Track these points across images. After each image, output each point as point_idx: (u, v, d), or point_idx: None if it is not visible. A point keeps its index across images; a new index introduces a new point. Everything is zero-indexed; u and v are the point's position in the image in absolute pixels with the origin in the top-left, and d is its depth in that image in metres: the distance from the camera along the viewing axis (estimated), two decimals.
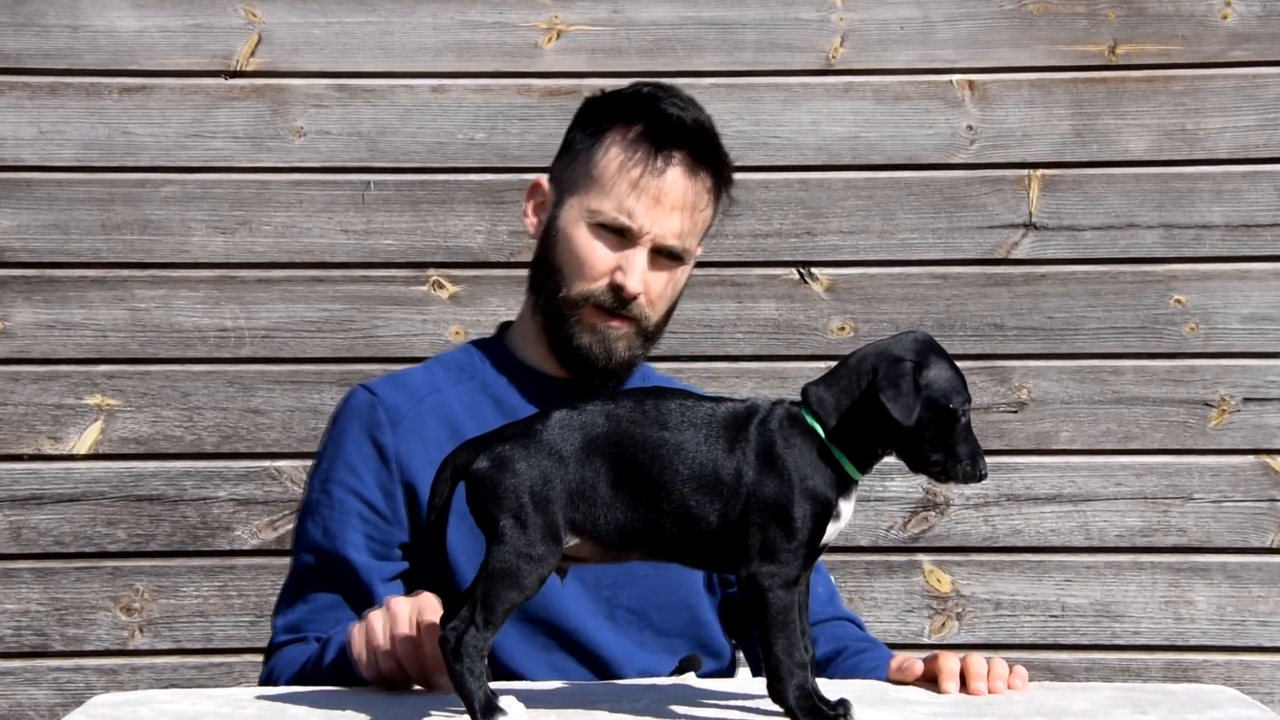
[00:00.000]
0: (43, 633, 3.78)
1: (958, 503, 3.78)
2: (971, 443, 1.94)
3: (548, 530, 1.87)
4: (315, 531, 2.51)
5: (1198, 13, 3.80)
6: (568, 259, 2.54)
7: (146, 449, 3.78)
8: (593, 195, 2.53)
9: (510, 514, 1.87)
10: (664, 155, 2.52)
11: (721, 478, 1.89)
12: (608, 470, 1.89)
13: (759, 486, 1.89)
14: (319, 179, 3.79)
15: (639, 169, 2.52)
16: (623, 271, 2.51)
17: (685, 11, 3.80)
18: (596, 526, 1.89)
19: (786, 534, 1.88)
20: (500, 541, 1.86)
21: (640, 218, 2.51)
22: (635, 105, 2.57)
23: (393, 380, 2.63)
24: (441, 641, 1.87)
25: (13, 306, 3.77)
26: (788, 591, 1.89)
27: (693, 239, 2.57)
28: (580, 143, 2.59)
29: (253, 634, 3.79)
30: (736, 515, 1.89)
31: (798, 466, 1.90)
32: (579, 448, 1.89)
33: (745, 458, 1.90)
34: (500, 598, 1.86)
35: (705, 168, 2.57)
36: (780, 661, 1.89)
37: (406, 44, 3.80)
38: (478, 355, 2.65)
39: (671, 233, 2.52)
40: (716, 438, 1.91)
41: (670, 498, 1.89)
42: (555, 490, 1.88)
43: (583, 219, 2.54)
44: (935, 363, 1.93)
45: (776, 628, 1.89)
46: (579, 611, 2.50)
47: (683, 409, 1.92)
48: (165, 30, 3.79)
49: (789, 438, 1.91)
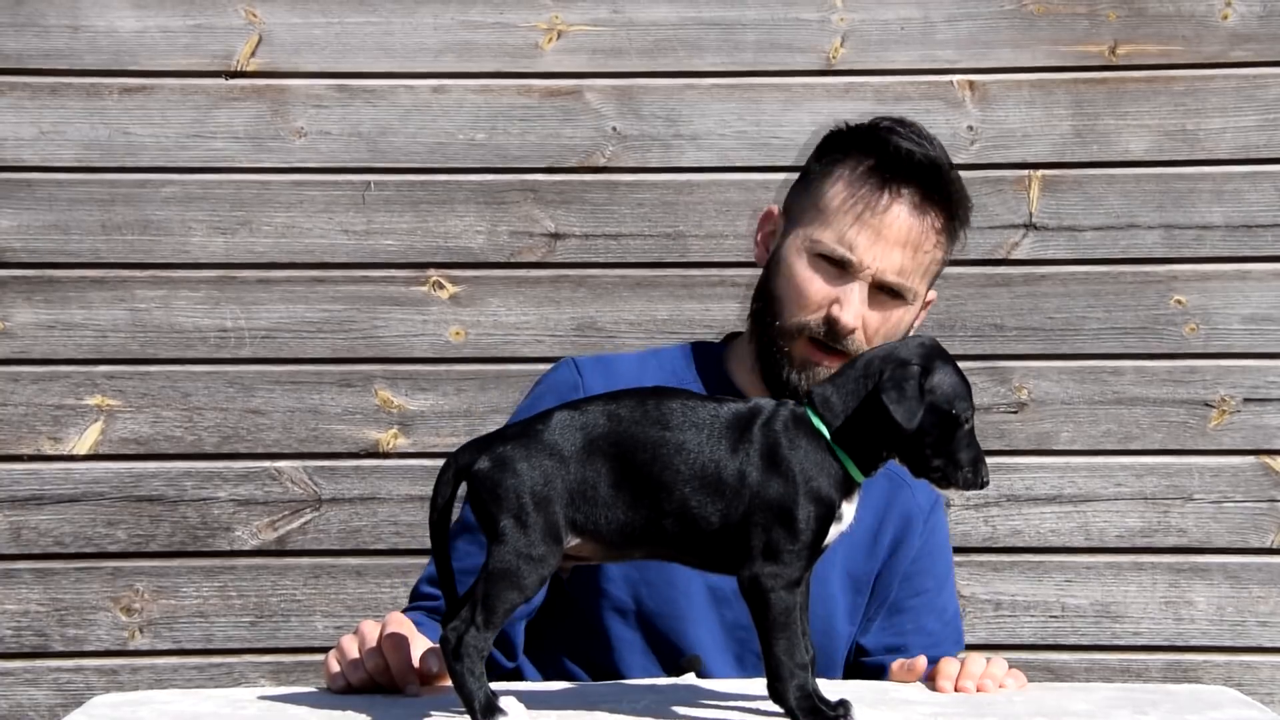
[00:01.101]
0: (43, 633, 3.78)
1: (958, 503, 3.78)
2: (974, 450, 1.94)
3: (548, 531, 1.87)
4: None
5: (1198, 13, 3.80)
6: (786, 288, 2.51)
7: (146, 449, 3.78)
8: (816, 226, 2.50)
9: (511, 514, 1.87)
10: (891, 190, 2.48)
11: (724, 478, 1.89)
12: (609, 470, 1.89)
13: (763, 487, 1.89)
14: (319, 179, 3.79)
15: (863, 203, 2.48)
16: (839, 305, 2.46)
17: (685, 11, 3.80)
18: (598, 526, 1.90)
19: (790, 535, 1.88)
20: (501, 542, 1.87)
21: (861, 251, 2.46)
22: (869, 138, 2.53)
23: (602, 363, 2.60)
24: (442, 642, 1.88)
25: (13, 306, 3.77)
26: (790, 592, 1.89)
27: (917, 278, 2.51)
28: (813, 173, 2.56)
29: (253, 634, 3.79)
30: (739, 516, 1.89)
31: (803, 468, 1.90)
32: (580, 447, 1.90)
33: (749, 458, 1.90)
34: (500, 598, 1.86)
35: (935, 206, 2.51)
36: (781, 662, 1.89)
37: (407, 44, 3.80)
38: (693, 362, 2.63)
39: (892, 269, 2.47)
40: (720, 438, 1.91)
41: (672, 497, 1.89)
42: (556, 490, 1.88)
43: (804, 249, 2.50)
44: (941, 368, 1.93)
45: (778, 628, 1.89)
46: (710, 649, 2.50)
47: (685, 409, 1.92)
48: (165, 30, 3.79)
49: (794, 439, 1.91)
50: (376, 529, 3.79)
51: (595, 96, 3.79)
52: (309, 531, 3.79)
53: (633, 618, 2.50)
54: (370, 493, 3.79)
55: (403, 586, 3.78)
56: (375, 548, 3.80)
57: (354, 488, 3.79)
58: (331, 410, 3.78)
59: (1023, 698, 2.12)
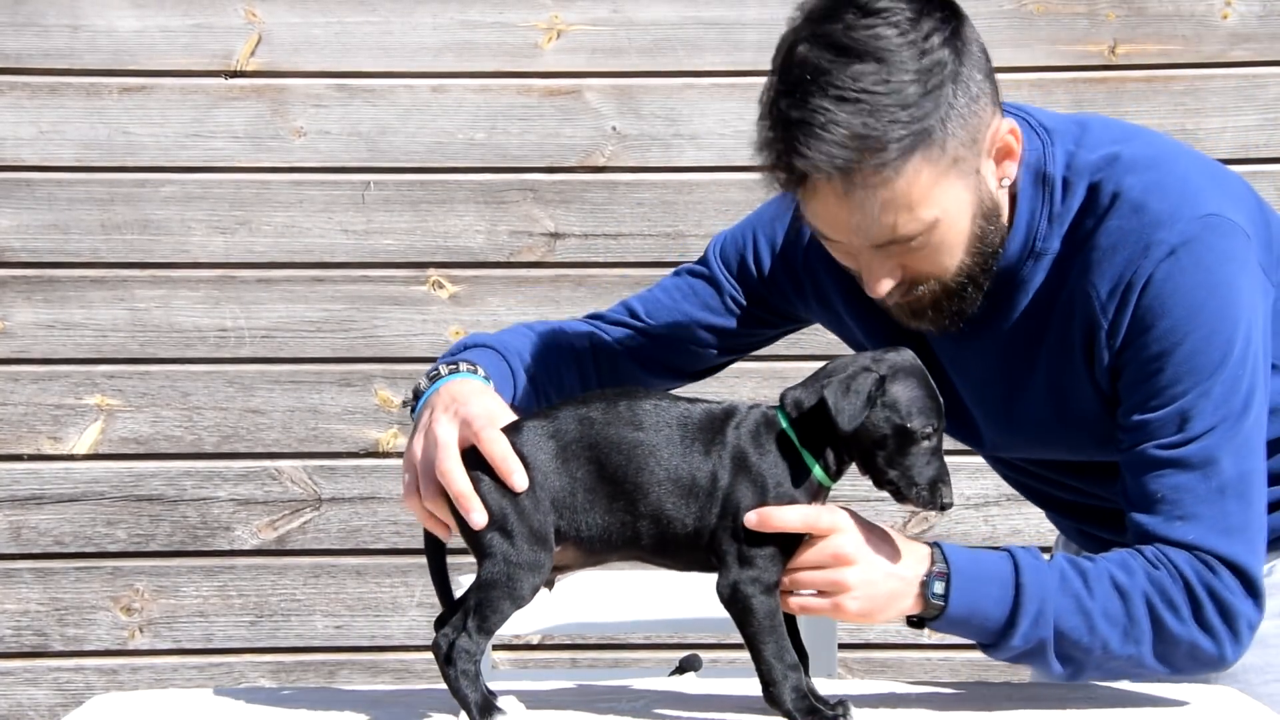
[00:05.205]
0: (43, 633, 3.78)
1: (958, 503, 3.78)
2: (934, 469, 1.91)
3: (536, 537, 1.87)
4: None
5: (1198, 13, 3.80)
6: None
7: (146, 449, 3.78)
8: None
9: (496, 527, 1.87)
10: (789, 181, 2.02)
11: (698, 480, 1.89)
12: (585, 474, 1.89)
13: (732, 490, 1.89)
14: (319, 179, 3.79)
15: (782, 204, 2.15)
16: (863, 281, 2.09)
17: (685, 11, 3.80)
18: (579, 532, 1.90)
19: (760, 540, 1.88)
20: (490, 555, 1.87)
21: (829, 241, 2.10)
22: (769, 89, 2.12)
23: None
24: (434, 648, 1.88)
25: (13, 306, 3.77)
26: (770, 595, 1.88)
27: (905, 213, 2.00)
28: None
29: (253, 634, 3.79)
30: (714, 518, 1.89)
31: (771, 472, 1.89)
32: (553, 455, 1.89)
33: (721, 461, 1.89)
34: (494, 606, 1.86)
35: (848, 159, 1.97)
36: (772, 665, 1.88)
37: (406, 44, 3.80)
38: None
39: (865, 240, 2.03)
40: (692, 439, 1.90)
41: (648, 499, 1.89)
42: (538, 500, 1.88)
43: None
44: (904, 381, 1.90)
45: (765, 632, 1.88)
46: None
47: (657, 409, 1.91)
48: (165, 30, 3.79)
49: (763, 442, 1.90)
50: (376, 529, 3.79)
51: (595, 96, 3.79)
52: (309, 531, 3.79)
53: None
54: (370, 492, 3.79)
55: (403, 586, 3.78)
56: (375, 547, 3.80)
57: (354, 487, 3.79)
58: (331, 410, 3.78)
59: (1024, 696, 2.12)
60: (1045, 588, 1.99)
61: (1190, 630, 2.01)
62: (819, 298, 2.29)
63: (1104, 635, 2.00)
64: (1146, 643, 2.01)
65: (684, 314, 2.34)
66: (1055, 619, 1.98)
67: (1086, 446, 2.17)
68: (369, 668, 3.79)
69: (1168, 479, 2.03)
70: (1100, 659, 2.02)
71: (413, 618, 3.79)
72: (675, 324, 2.34)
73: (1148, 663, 2.03)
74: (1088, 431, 2.14)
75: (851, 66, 1.99)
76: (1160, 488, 2.03)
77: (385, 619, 3.80)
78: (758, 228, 2.35)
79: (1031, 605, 1.98)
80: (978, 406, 2.22)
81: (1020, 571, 1.99)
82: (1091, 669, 2.04)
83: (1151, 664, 2.03)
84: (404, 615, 3.79)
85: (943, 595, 1.96)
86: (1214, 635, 2.02)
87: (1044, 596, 1.98)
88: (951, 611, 1.97)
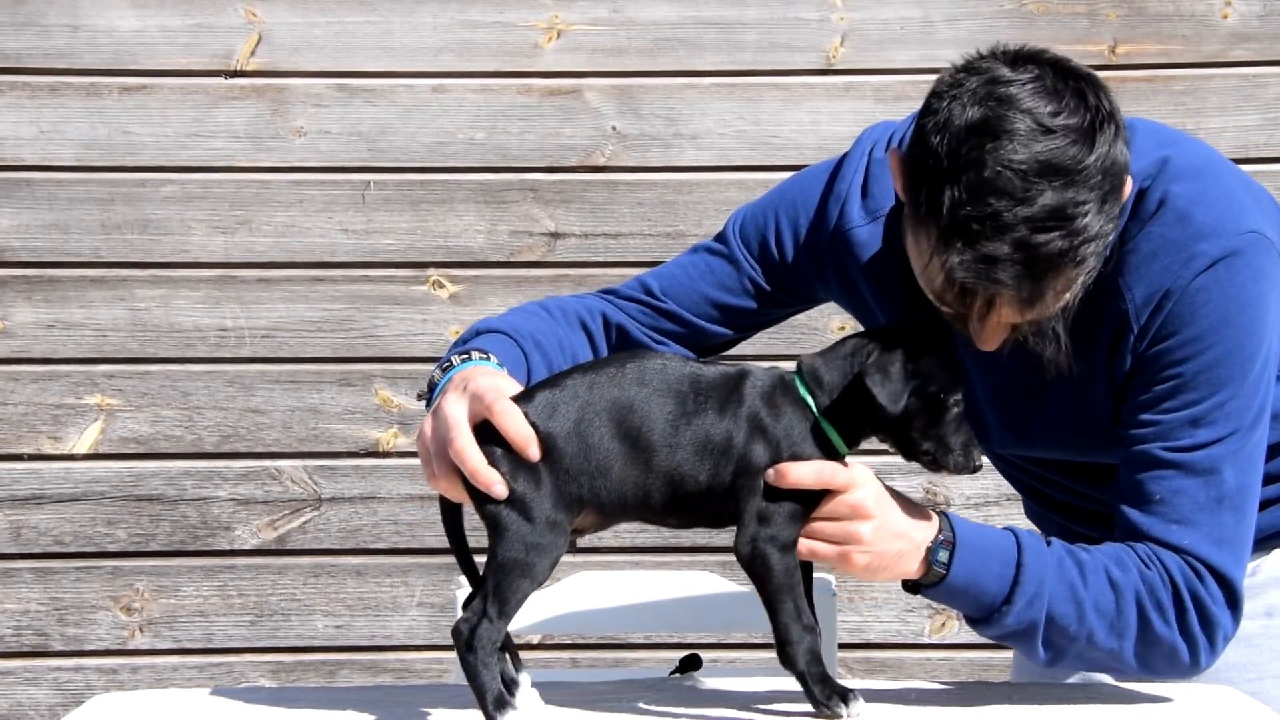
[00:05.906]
0: (43, 633, 3.78)
1: (958, 502, 3.78)
2: (965, 434, 1.94)
3: (551, 510, 1.87)
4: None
5: (1198, 12, 3.80)
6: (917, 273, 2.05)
7: (146, 449, 3.78)
8: (919, 269, 2.01)
9: (511, 505, 1.87)
10: (973, 293, 1.93)
11: (713, 438, 1.90)
12: (599, 438, 1.89)
13: (748, 451, 1.90)
14: (319, 179, 3.79)
15: (946, 307, 2.00)
16: (971, 333, 2.01)
17: (685, 11, 3.80)
18: (597, 495, 1.89)
19: (778, 498, 1.89)
20: (505, 533, 1.86)
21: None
22: (949, 168, 1.93)
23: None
24: (454, 634, 1.87)
25: (13, 306, 3.77)
26: (788, 554, 1.90)
27: (1052, 308, 1.96)
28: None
29: (252, 633, 3.79)
30: (728, 477, 1.90)
31: (788, 434, 1.91)
32: (566, 422, 1.89)
33: (737, 421, 1.90)
34: (512, 588, 1.86)
35: (1043, 272, 1.90)
36: (788, 626, 1.89)
37: (406, 44, 3.80)
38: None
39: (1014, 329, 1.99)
40: (706, 398, 1.91)
41: (662, 458, 1.89)
42: (554, 471, 1.88)
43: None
44: (933, 352, 1.93)
45: (783, 590, 1.89)
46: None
47: (666, 369, 1.92)
48: (165, 30, 3.79)
49: (780, 405, 1.92)
50: (376, 528, 3.79)
51: (595, 96, 3.79)
52: (309, 531, 3.79)
53: None
54: (370, 492, 3.79)
55: (403, 586, 3.78)
56: (375, 547, 3.80)
57: (354, 487, 3.79)
58: (331, 410, 3.78)
59: (1023, 695, 2.12)
60: (1044, 571, 2.00)
61: (1173, 634, 2.03)
62: (842, 281, 2.30)
63: (1091, 626, 2.01)
64: (1130, 639, 2.03)
65: (700, 293, 2.35)
66: (1049, 604, 2.00)
67: (1095, 450, 2.18)
68: (369, 668, 3.79)
69: (1169, 481, 2.04)
70: (1082, 649, 2.04)
71: (413, 618, 3.79)
72: (690, 302, 2.35)
73: (1126, 659, 2.05)
74: (1100, 437, 2.15)
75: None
76: (1160, 489, 2.04)
77: (385, 619, 3.80)
78: (780, 209, 2.35)
79: (1030, 586, 1.99)
80: (993, 407, 2.22)
81: (1022, 551, 2.00)
82: (1071, 658, 2.05)
83: (1129, 661, 2.05)
84: (404, 615, 3.80)
85: (945, 564, 1.97)
86: (1192, 642, 2.04)
87: (1042, 579, 1.99)
88: (951, 580, 1.98)
